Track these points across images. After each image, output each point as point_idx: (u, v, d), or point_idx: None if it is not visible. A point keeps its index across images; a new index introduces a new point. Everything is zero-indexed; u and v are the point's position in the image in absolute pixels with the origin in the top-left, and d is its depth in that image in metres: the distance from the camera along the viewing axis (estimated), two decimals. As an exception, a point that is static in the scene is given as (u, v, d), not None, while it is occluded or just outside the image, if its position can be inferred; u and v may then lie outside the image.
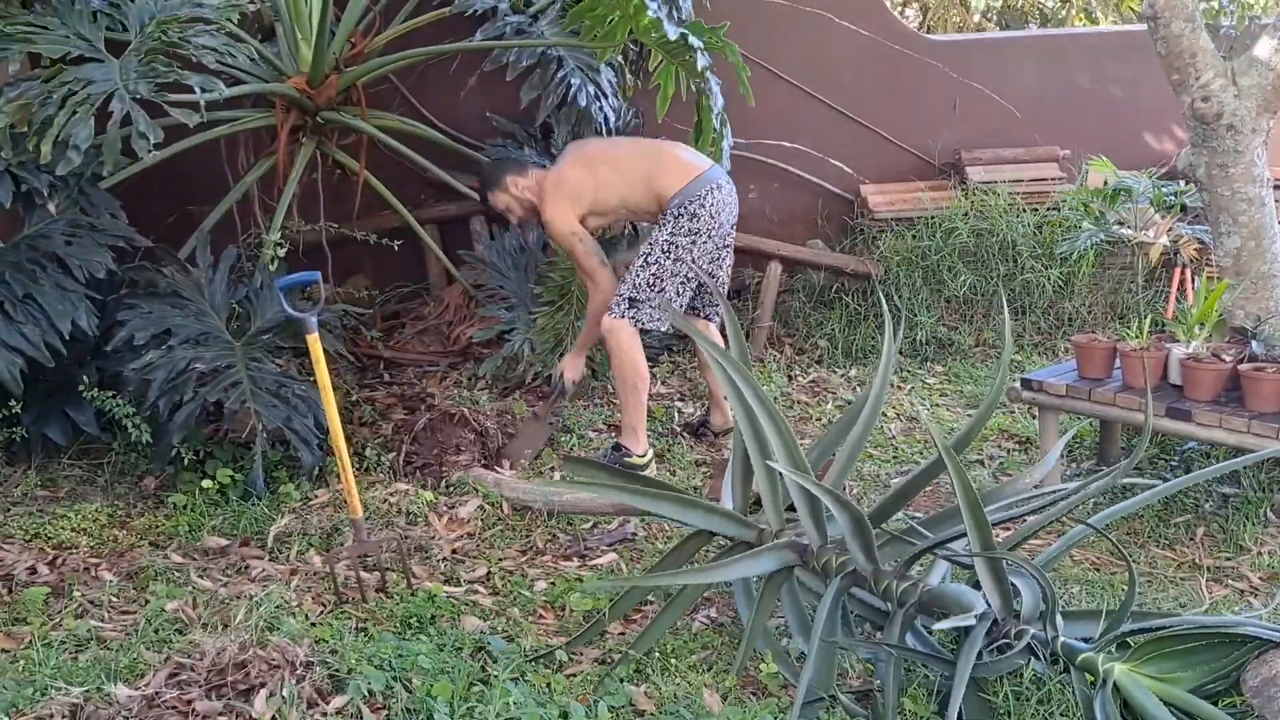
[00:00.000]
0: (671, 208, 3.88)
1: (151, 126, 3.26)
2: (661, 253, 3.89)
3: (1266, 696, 2.20)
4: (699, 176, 3.90)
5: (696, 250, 3.91)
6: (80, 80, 3.33)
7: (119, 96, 3.26)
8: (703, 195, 3.87)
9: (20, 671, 2.61)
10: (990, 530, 2.37)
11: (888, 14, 5.95)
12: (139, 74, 3.34)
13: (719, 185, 3.93)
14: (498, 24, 4.85)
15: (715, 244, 3.97)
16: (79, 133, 3.23)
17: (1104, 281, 5.39)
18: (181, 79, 3.36)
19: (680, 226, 3.87)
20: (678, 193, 3.87)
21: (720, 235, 3.97)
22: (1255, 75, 3.65)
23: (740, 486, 2.98)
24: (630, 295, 3.91)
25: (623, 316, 3.90)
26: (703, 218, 3.87)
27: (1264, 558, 3.23)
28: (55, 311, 3.57)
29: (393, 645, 2.67)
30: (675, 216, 3.87)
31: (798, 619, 2.74)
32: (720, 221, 3.93)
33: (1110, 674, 2.31)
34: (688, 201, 3.86)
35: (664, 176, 3.90)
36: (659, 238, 3.90)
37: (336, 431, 3.10)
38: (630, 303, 3.91)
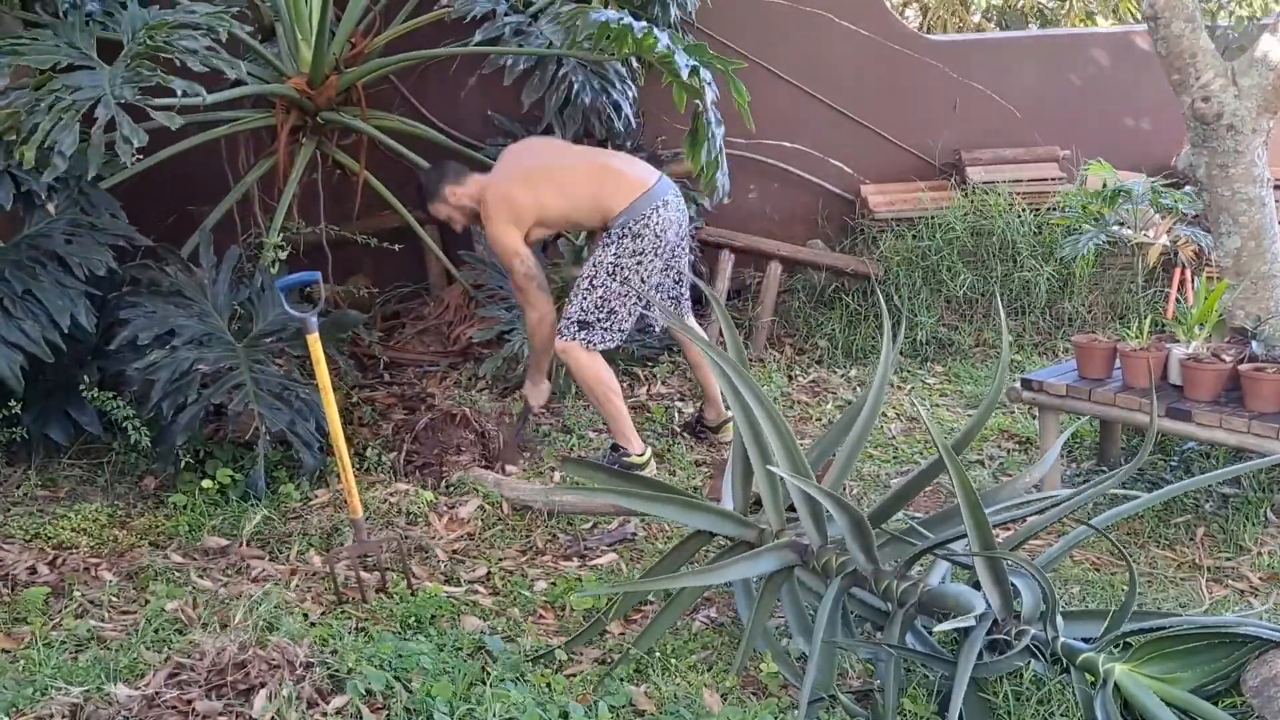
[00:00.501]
0: (615, 227, 3.79)
1: (135, 130, 3.27)
2: (606, 275, 3.81)
3: (1266, 696, 2.20)
4: (646, 194, 3.80)
5: (643, 269, 3.84)
6: (68, 87, 3.34)
7: (104, 102, 3.27)
8: (648, 215, 3.79)
9: (20, 671, 2.62)
10: (990, 530, 2.37)
11: (888, 14, 5.95)
12: (125, 79, 3.35)
13: (665, 202, 3.84)
14: (497, 24, 4.85)
15: (662, 260, 3.90)
16: (64, 139, 3.24)
17: (1104, 282, 5.39)
18: (164, 82, 3.36)
19: (624, 248, 3.79)
20: (623, 211, 3.78)
21: (666, 250, 3.89)
22: (1255, 75, 3.65)
23: (740, 486, 2.98)
24: (579, 319, 3.84)
25: (573, 339, 3.84)
26: (646, 237, 3.79)
27: (1264, 558, 3.23)
28: (55, 307, 3.57)
29: (393, 645, 2.68)
30: (619, 237, 3.79)
31: (798, 619, 2.74)
32: (666, 240, 3.85)
33: (1111, 674, 2.31)
34: (632, 221, 3.78)
35: (611, 196, 3.80)
36: (603, 259, 3.82)
37: (337, 432, 3.10)
38: (580, 325, 3.84)
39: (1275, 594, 3.02)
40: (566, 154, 4.10)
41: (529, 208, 3.82)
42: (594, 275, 3.83)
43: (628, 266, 3.81)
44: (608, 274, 3.81)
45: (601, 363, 3.88)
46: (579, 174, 3.89)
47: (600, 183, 3.84)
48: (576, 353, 3.84)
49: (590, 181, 3.85)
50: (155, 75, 3.37)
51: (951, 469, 2.38)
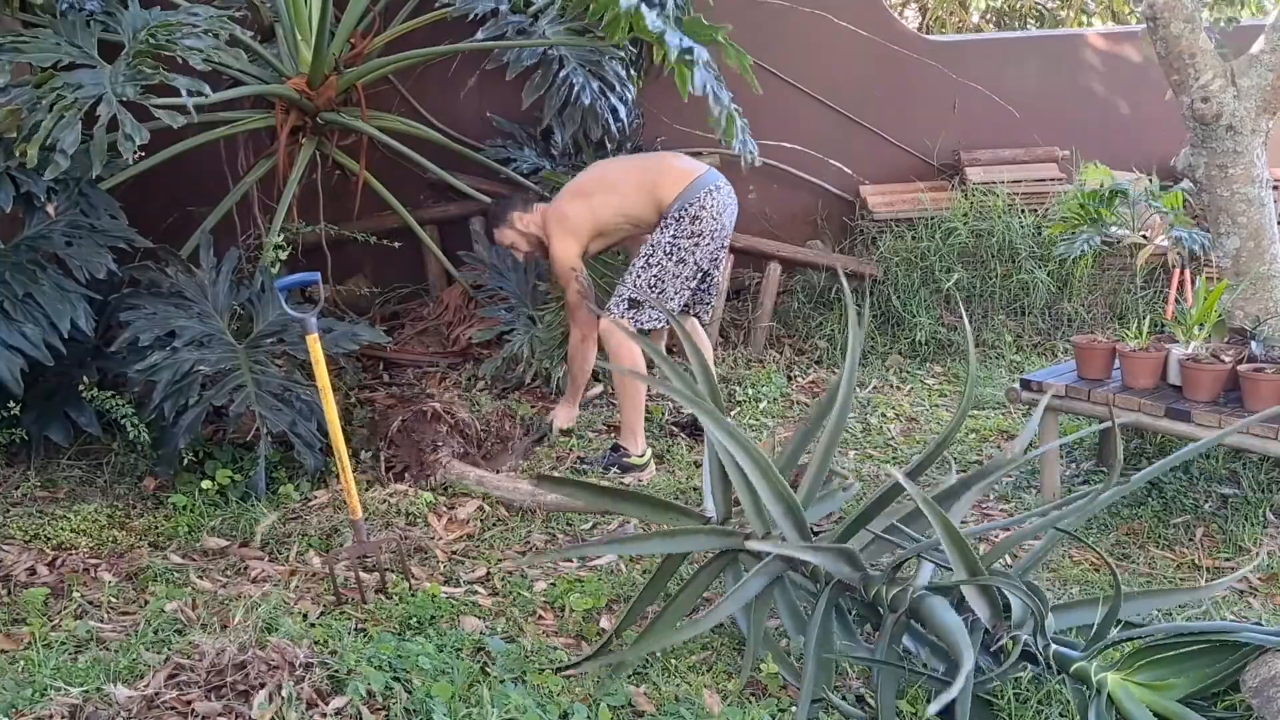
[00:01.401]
0: (672, 211, 3.90)
1: (138, 128, 3.27)
2: (664, 254, 3.90)
3: (1266, 697, 2.21)
4: (697, 179, 3.93)
5: (699, 252, 3.94)
6: (70, 85, 3.33)
7: (106, 100, 3.27)
8: (702, 197, 3.90)
9: (20, 672, 2.61)
10: (973, 555, 2.36)
11: (887, 15, 5.95)
12: (126, 77, 3.35)
13: (718, 187, 3.96)
14: (500, 23, 4.86)
15: (716, 245, 4.00)
16: (66, 136, 3.23)
17: (1103, 282, 5.39)
18: (167, 80, 3.37)
19: (683, 229, 3.90)
20: (677, 196, 3.90)
21: (721, 236, 4.00)
22: (1255, 76, 3.65)
23: (720, 492, 2.96)
24: (631, 296, 3.93)
25: (621, 317, 3.91)
26: (704, 219, 3.90)
27: (1263, 558, 3.23)
28: (55, 311, 3.57)
29: (392, 646, 2.68)
30: (677, 219, 3.90)
31: (793, 619, 2.73)
32: (722, 223, 3.97)
33: (1104, 684, 2.31)
34: (687, 204, 3.89)
35: (662, 185, 3.93)
36: (660, 240, 3.92)
37: (336, 433, 3.10)
38: (630, 303, 3.92)
39: (1265, 596, 3.02)
40: (618, 160, 4.38)
41: (584, 216, 3.97)
42: (651, 254, 3.93)
43: (685, 247, 3.91)
44: (665, 253, 3.91)
45: (640, 353, 3.93)
46: (628, 169, 4.08)
47: (650, 172, 3.99)
48: (619, 335, 3.90)
49: (640, 172, 4.01)
50: (158, 73, 3.37)
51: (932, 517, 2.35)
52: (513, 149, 5.24)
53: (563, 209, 4.03)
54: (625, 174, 4.06)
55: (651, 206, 3.96)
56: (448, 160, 5.15)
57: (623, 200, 3.98)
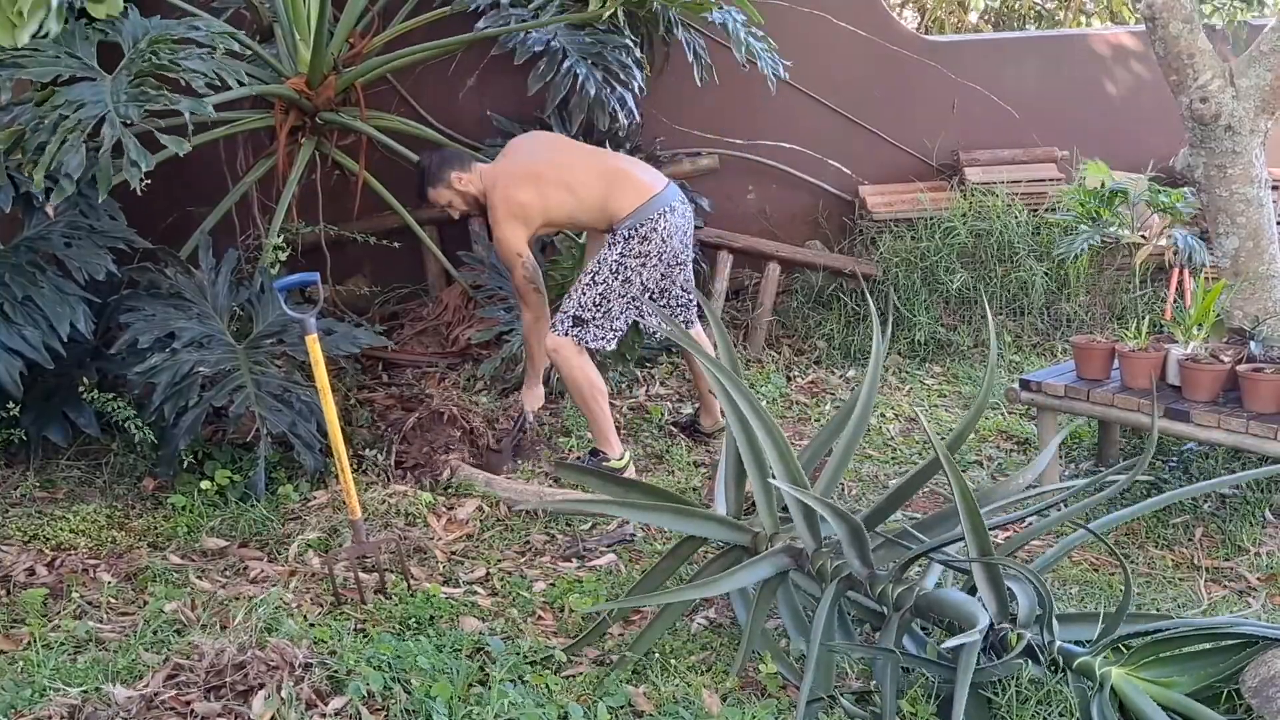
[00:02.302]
0: (622, 229, 3.80)
1: (143, 154, 3.24)
2: (610, 273, 3.82)
3: (1265, 697, 2.20)
4: (654, 198, 3.82)
5: (645, 273, 3.85)
6: (71, 103, 3.31)
7: (109, 121, 3.24)
8: (655, 219, 3.80)
9: (19, 673, 2.61)
10: (988, 536, 2.37)
11: (886, 15, 5.95)
12: (129, 97, 3.32)
13: (672, 208, 3.85)
14: (501, 14, 4.85)
15: (665, 265, 3.91)
16: (70, 160, 3.20)
17: (1102, 282, 5.39)
18: (170, 103, 3.34)
19: (630, 249, 3.80)
20: (630, 214, 3.79)
21: (670, 257, 3.90)
22: (1254, 76, 3.65)
23: (733, 489, 2.98)
24: (575, 314, 3.83)
25: (566, 335, 3.83)
26: (654, 240, 3.81)
27: (1262, 558, 3.24)
28: (54, 313, 3.58)
29: (392, 646, 2.68)
30: (626, 238, 3.80)
31: (794, 620, 2.74)
32: (672, 245, 3.87)
33: (1107, 678, 2.31)
34: (639, 224, 3.79)
35: (619, 198, 3.81)
36: (608, 257, 3.83)
37: (335, 433, 3.10)
38: (575, 321, 3.84)
39: (1265, 594, 3.02)
40: (574, 153, 4.04)
41: (536, 209, 3.83)
42: (597, 272, 3.83)
43: (631, 267, 3.82)
44: (611, 272, 3.82)
45: (590, 363, 3.88)
46: (588, 175, 3.88)
47: (609, 184, 3.84)
48: (567, 351, 3.83)
49: (599, 183, 3.85)
50: (160, 94, 3.35)
51: (949, 472, 2.38)
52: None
53: (515, 192, 3.84)
54: (585, 177, 3.87)
55: (603, 218, 3.85)
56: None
57: (577, 205, 3.85)
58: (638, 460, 4.12)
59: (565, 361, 3.84)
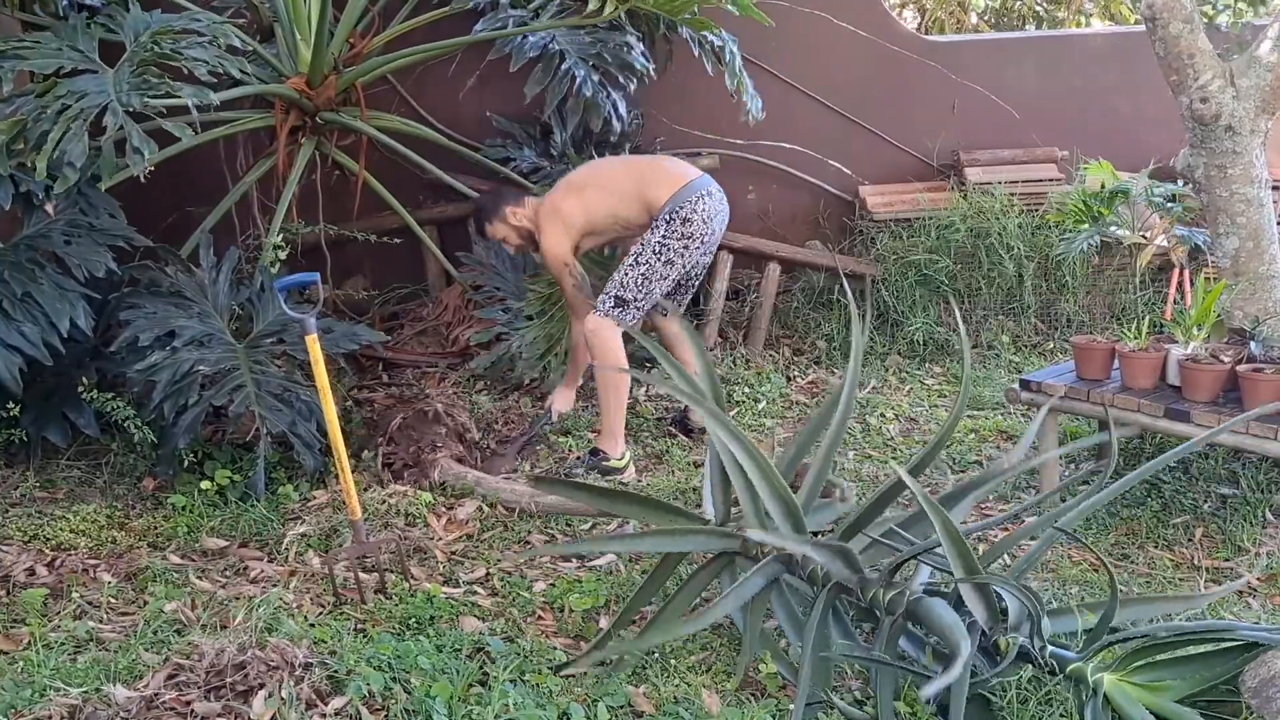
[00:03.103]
0: (664, 213, 3.91)
1: (146, 141, 3.25)
2: (653, 254, 3.91)
3: (1265, 697, 2.20)
4: (690, 183, 3.95)
5: (688, 255, 3.96)
6: (74, 93, 3.32)
7: (112, 110, 3.25)
8: (694, 201, 3.92)
9: (19, 673, 2.61)
10: (971, 554, 2.36)
11: (886, 15, 5.95)
12: (131, 86, 3.33)
13: (710, 193, 3.98)
14: (500, 15, 4.85)
15: (705, 249, 4.03)
16: (73, 149, 3.22)
17: (1102, 282, 5.39)
18: (173, 91, 3.35)
19: (673, 230, 3.91)
20: (669, 199, 3.91)
21: (711, 241, 4.03)
22: (1254, 76, 3.65)
23: (720, 493, 2.96)
24: (618, 294, 3.93)
25: (607, 315, 3.91)
26: (695, 222, 3.92)
27: (1262, 559, 3.24)
28: (54, 310, 3.57)
29: (392, 646, 2.68)
30: (668, 220, 3.91)
31: (791, 621, 2.73)
32: (712, 228, 3.99)
33: (1100, 685, 2.31)
34: (679, 206, 3.91)
35: (654, 187, 3.95)
36: (651, 239, 3.92)
37: (335, 433, 3.10)
38: (617, 301, 3.92)
39: (1265, 595, 3.02)
40: (611, 160, 4.38)
41: (576, 213, 3.97)
42: (640, 253, 3.93)
43: (674, 249, 3.92)
44: (654, 253, 3.91)
45: (624, 351, 3.94)
46: (621, 170, 4.09)
47: (642, 174, 4.01)
48: (607, 333, 3.90)
49: (633, 174, 4.03)
50: (163, 83, 3.36)
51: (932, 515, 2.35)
52: (512, 148, 5.24)
53: (556, 203, 4.02)
54: (619, 175, 4.07)
55: (643, 209, 3.98)
56: (447, 160, 5.15)
57: (617, 202, 3.99)
58: (637, 460, 4.12)
59: (603, 344, 3.90)
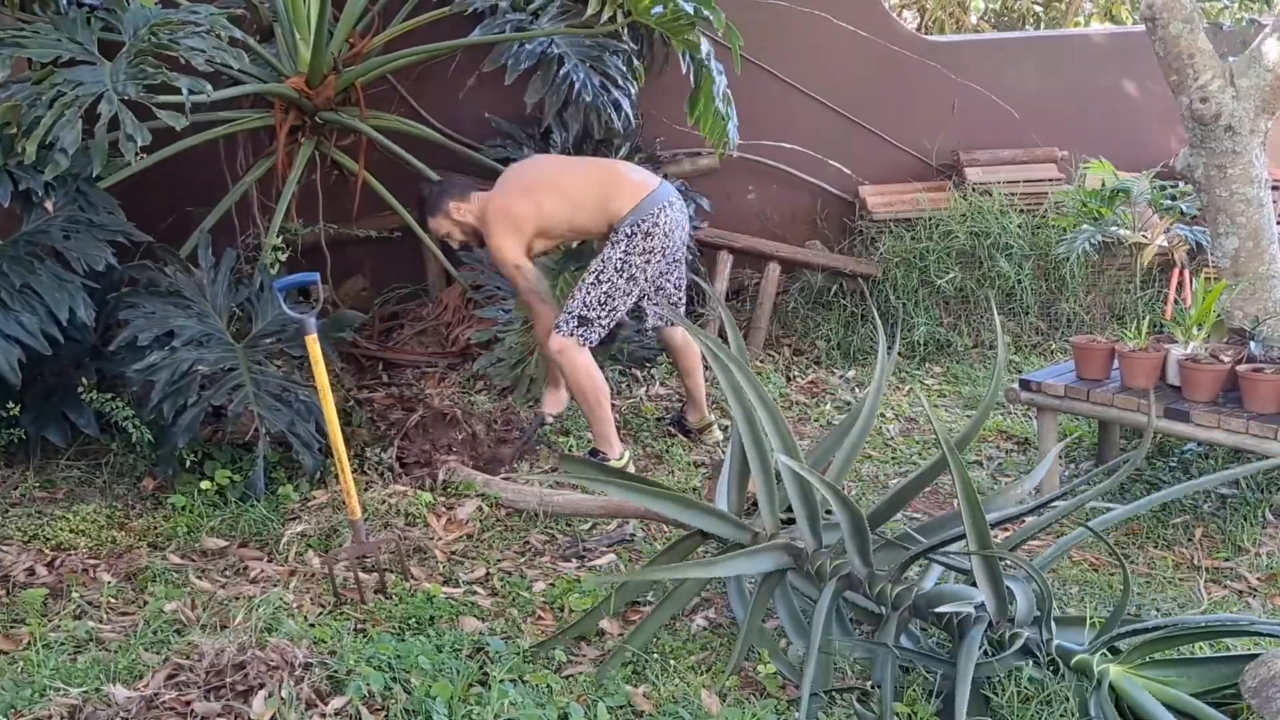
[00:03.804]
0: (624, 226, 3.82)
1: (139, 128, 3.25)
2: (615, 271, 3.83)
3: (1265, 697, 2.20)
4: (650, 195, 3.85)
5: (650, 268, 3.88)
6: (70, 82, 3.32)
7: (107, 98, 3.25)
8: (655, 214, 3.83)
9: (19, 673, 2.61)
10: (988, 531, 2.37)
11: (886, 15, 5.95)
12: (128, 75, 3.33)
13: (670, 203, 3.88)
14: (498, 20, 4.85)
15: (667, 261, 3.96)
16: (66, 135, 3.21)
17: (1102, 282, 5.39)
18: (169, 80, 3.35)
19: (634, 245, 3.82)
20: (630, 212, 3.82)
21: (673, 252, 3.95)
22: (1254, 76, 3.65)
23: (735, 489, 2.98)
24: (580, 314, 3.84)
25: (571, 335, 3.84)
26: (656, 236, 3.83)
27: (1262, 558, 3.24)
28: (53, 300, 3.54)
29: (392, 646, 2.67)
30: (629, 235, 3.82)
31: (792, 620, 2.74)
32: (674, 240, 3.90)
33: (1105, 676, 2.31)
34: (640, 220, 3.81)
35: (615, 198, 3.84)
36: (612, 255, 3.83)
37: (335, 433, 3.10)
38: (580, 321, 3.84)
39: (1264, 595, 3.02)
40: (568, 163, 4.16)
41: (529, 216, 3.84)
42: (601, 270, 3.84)
43: (636, 265, 3.84)
44: (616, 270, 3.83)
45: (594, 364, 3.89)
46: (582, 178, 3.93)
47: (603, 184, 3.88)
48: (573, 352, 3.84)
49: (593, 184, 3.89)
50: (159, 72, 3.36)
51: (954, 466, 2.38)
52: (512, 149, 5.23)
53: (507, 204, 3.87)
54: (579, 182, 3.93)
55: (603, 219, 3.87)
56: (447, 161, 5.15)
57: (574, 210, 3.88)
58: (637, 460, 4.12)
59: (570, 362, 3.84)
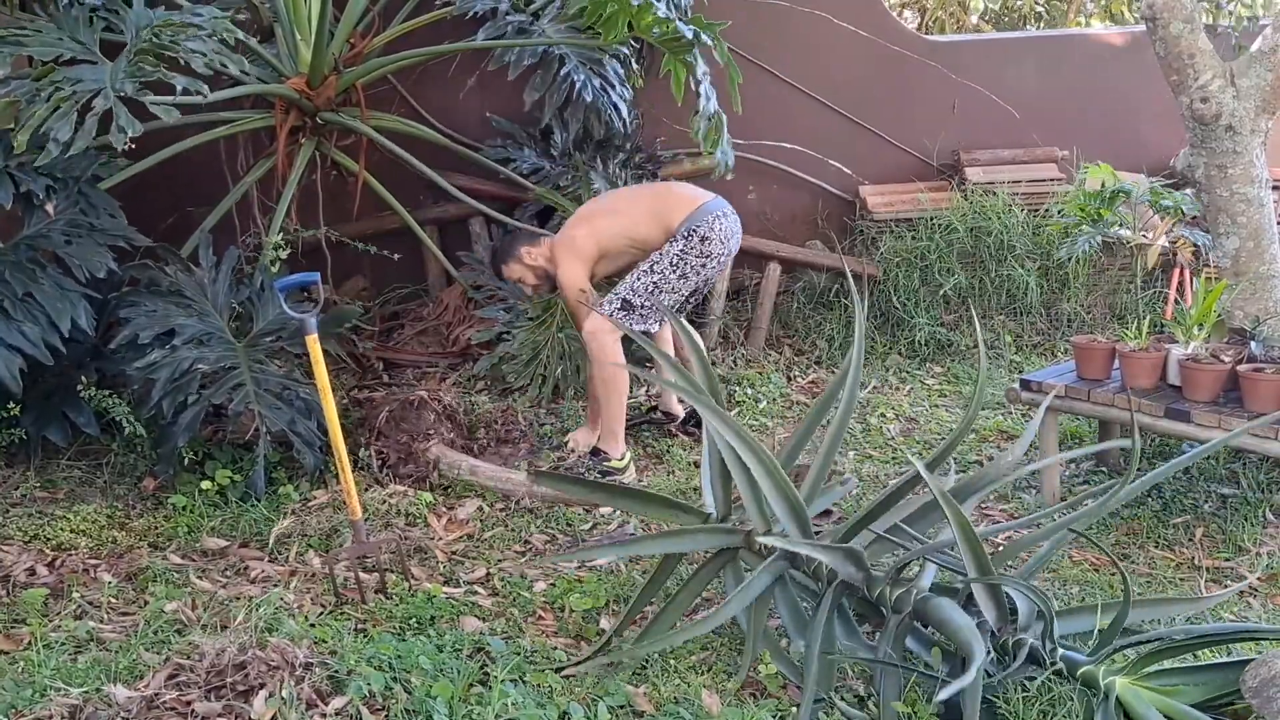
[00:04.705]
0: (683, 229, 3.92)
1: (131, 121, 3.25)
2: (670, 265, 3.92)
3: (1266, 697, 2.20)
4: (704, 204, 3.97)
5: (704, 272, 3.99)
6: (69, 79, 3.33)
7: (104, 94, 3.26)
8: (711, 220, 3.94)
9: (19, 673, 2.61)
10: (985, 554, 2.36)
11: (886, 15, 5.95)
12: (126, 73, 3.34)
13: (725, 213, 4.01)
14: (498, 23, 4.85)
15: (719, 267, 4.05)
16: (60, 127, 3.22)
17: (1103, 282, 5.39)
18: (165, 78, 3.35)
19: (692, 246, 3.92)
20: (686, 218, 3.92)
21: (725, 261, 4.05)
22: (1254, 76, 3.65)
23: (720, 487, 2.96)
24: (626, 297, 3.93)
25: (610, 316, 3.90)
26: (714, 240, 3.93)
27: (1263, 558, 3.23)
28: (54, 310, 3.57)
29: (392, 646, 2.67)
30: (686, 236, 3.92)
31: (794, 619, 2.73)
32: (729, 248, 4.02)
33: (1112, 688, 2.30)
34: (697, 224, 3.92)
35: (670, 209, 3.96)
36: (670, 250, 3.93)
37: (335, 433, 3.10)
38: (624, 304, 3.92)
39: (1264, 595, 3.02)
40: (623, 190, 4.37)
41: (588, 240, 3.98)
42: (656, 262, 3.94)
43: (692, 264, 3.93)
44: (670, 265, 3.92)
45: (622, 355, 3.94)
46: (635, 196, 4.13)
47: (656, 198, 4.05)
48: (606, 336, 3.89)
49: (646, 198, 4.08)
50: (158, 71, 3.36)
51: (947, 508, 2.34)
52: (512, 149, 5.24)
53: (569, 236, 4.03)
54: (631, 200, 4.13)
55: (659, 229, 3.97)
56: (447, 161, 5.15)
57: (630, 223, 3.99)
58: (637, 460, 4.12)
59: (601, 346, 3.89)
